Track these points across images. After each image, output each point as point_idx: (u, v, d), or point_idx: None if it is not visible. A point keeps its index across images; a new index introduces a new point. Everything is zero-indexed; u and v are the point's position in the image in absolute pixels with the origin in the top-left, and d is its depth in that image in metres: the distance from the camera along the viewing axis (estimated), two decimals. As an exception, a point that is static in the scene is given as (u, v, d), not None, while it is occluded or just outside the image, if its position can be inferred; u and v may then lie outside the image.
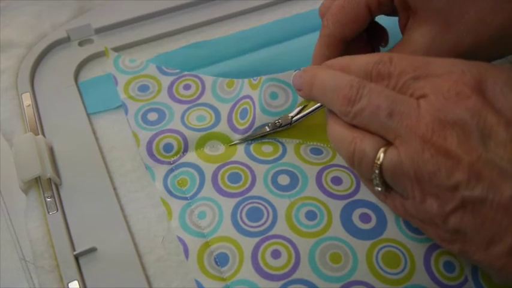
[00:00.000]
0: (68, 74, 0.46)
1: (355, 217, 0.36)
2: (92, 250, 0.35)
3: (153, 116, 0.43)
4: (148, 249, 0.36)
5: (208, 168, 0.39)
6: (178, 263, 0.35)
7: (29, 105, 0.44)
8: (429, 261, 0.34)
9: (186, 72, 0.46)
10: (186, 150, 0.40)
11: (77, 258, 0.35)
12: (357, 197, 0.37)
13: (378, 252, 0.34)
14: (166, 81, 0.45)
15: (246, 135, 0.41)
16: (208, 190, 0.38)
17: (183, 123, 0.42)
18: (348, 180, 0.38)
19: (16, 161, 0.39)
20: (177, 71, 0.46)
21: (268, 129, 0.40)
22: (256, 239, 0.35)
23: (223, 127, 0.42)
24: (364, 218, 0.36)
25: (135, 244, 0.36)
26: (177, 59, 0.48)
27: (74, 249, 0.35)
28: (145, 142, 0.41)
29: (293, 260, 0.34)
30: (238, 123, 0.41)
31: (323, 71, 0.33)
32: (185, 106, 0.43)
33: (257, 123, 0.40)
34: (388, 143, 0.29)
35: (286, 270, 0.34)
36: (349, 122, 0.31)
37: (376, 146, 0.29)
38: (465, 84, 0.27)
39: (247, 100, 0.41)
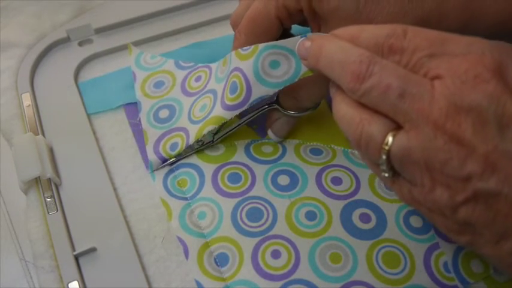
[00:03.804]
0: (68, 74, 0.46)
1: (355, 217, 0.36)
2: (92, 250, 0.35)
3: (164, 113, 0.42)
4: (148, 250, 0.36)
5: (208, 169, 0.39)
6: (178, 263, 0.35)
7: (29, 105, 0.43)
8: (429, 261, 0.34)
9: (199, 64, 0.45)
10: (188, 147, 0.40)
11: (77, 258, 0.35)
12: (356, 197, 0.37)
13: (377, 252, 0.34)
14: (181, 75, 0.45)
15: (241, 109, 0.37)
16: (208, 190, 0.38)
17: (189, 119, 0.41)
18: (348, 181, 0.38)
19: (16, 161, 0.39)
20: (192, 64, 0.45)
21: (195, 148, 0.40)
22: (256, 239, 0.35)
23: (218, 109, 0.38)
24: (364, 218, 0.36)
25: (135, 244, 0.36)
26: (176, 59, 0.48)
27: (74, 249, 0.35)
28: (153, 140, 0.41)
29: (293, 260, 0.34)
30: (228, 99, 0.37)
31: (331, 42, 0.30)
32: (193, 98, 0.42)
33: (254, 97, 0.36)
34: (397, 127, 0.27)
35: (286, 270, 0.34)
36: (357, 100, 0.29)
37: (385, 130, 0.27)
38: (484, 67, 0.25)
39: (237, 73, 0.37)
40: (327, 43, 0.30)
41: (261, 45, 0.35)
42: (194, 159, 0.40)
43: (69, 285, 0.33)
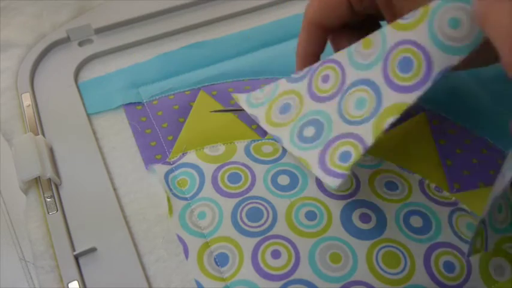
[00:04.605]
0: (68, 74, 0.46)
1: (355, 217, 0.36)
2: (92, 250, 0.35)
3: (310, 131, 0.37)
4: (148, 250, 0.36)
5: (208, 169, 0.39)
6: (178, 263, 0.35)
7: (29, 105, 0.44)
8: (429, 261, 0.34)
9: (315, 65, 0.38)
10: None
11: (76, 258, 0.35)
12: (356, 197, 0.37)
13: (377, 252, 0.34)
14: (303, 86, 0.38)
15: (426, 87, 0.30)
16: (208, 190, 0.38)
17: (347, 122, 0.35)
18: (347, 180, 0.38)
19: (16, 161, 0.39)
20: (305, 70, 0.39)
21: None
22: (256, 239, 0.35)
23: (390, 95, 0.32)
24: (364, 218, 0.36)
25: (135, 244, 0.36)
26: (176, 59, 0.48)
27: (74, 249, 0.35)
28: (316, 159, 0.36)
29: (293, 260, 0.34)
30: (401, 80, 0.31)
31: None
32: (334, 101, 0.36)
33: (437, 68, 0.30)
34: None
35: (286, 270, 0.34)
36: None
37: None
38: None
39: (406, 46, 0.31)
40: None
41: (434, 3, 0.29)
42: (194, 159, 0.40)
43: (69, 285, 0.33)
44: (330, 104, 0.36)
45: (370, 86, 0.33)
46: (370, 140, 0.33)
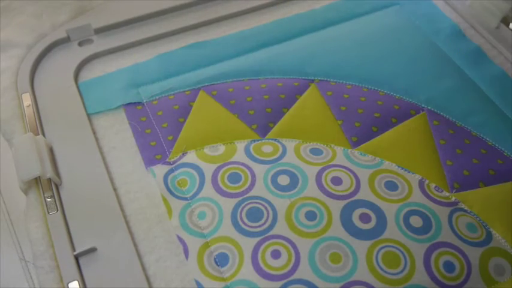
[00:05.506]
0: (68, 74, 0.46)
1: (355, 217, 0.36)
2: (92, 250, 0.35)
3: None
4: (148, 250, 0.36)
5: (208, 169, 0.39)
6: (178, 263, 0.35)
7: (29, 105, 0.44)
8: (429, 261, 0.34)
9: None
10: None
11: (77, 258, 0.35)
12: (356, 197, 0.37)
13: (377, 252, 0.34)
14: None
15: None
16: (208, 190, 0.38)
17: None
18: (347, 180, 0.38)
19: (16, 161, 0.39)
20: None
21: None
22: (256, 239, 0.35)
23: None
24: (364, 218, 0.36)
25: (135, 244, 0.36)
26: (176, 59, 0.48)
27: (74, 249, 0.35)
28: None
29: (293, 260, 0.34)
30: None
31: None
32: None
33: None
34: None
35: (286, 270, 0.34)
36: None
37: None
38: None
39: None
40: None
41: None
42: (194, 159, 0.40)
43: (69, 285, 0.33)
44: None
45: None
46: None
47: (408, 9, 0.53)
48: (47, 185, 0.38)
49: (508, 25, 0.50)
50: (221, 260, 0.35)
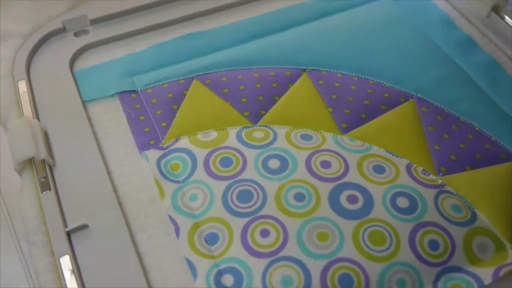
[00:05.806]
0: (64, 63, 0.47)
1: (343, 198, 0.36)
2: (84, 227, 0.36)
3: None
4: (140, 228, 0.36)
5: (201, 153, 0.40)
6: (169, 241, 0.36)
7: (25, 91, 0.44)
8: (414, 239, 0.34)
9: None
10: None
11: (68, 235, 0.35)
12: (345, 179, 0.38)
13: (364, 231, 0.35)
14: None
15: None
16: (200, 174, 0.38)
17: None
18: (336, 164, 0.39)
19: (10, 143, 0.39)
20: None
21: None
22: (246, 219, 0.36)
23: None
24: (352, 199, 0.36)
25: (127, 223, 0.36)
26: (171, 49, 0.49)
27: (66, 226, 0.36)
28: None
29: (281, 239, 0.35)
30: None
31: None
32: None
33: None
34: None
35: (274, 248, 0.34)
36: None
37: None
38: None
39: None
40: None
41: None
42: (187, 144, 0.40)
43: (61, 259, 0.34)
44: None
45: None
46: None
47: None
48: (40, 166, 0.39)
49: (498, 13, 0.51)
50: (211, 239, 0.35)
